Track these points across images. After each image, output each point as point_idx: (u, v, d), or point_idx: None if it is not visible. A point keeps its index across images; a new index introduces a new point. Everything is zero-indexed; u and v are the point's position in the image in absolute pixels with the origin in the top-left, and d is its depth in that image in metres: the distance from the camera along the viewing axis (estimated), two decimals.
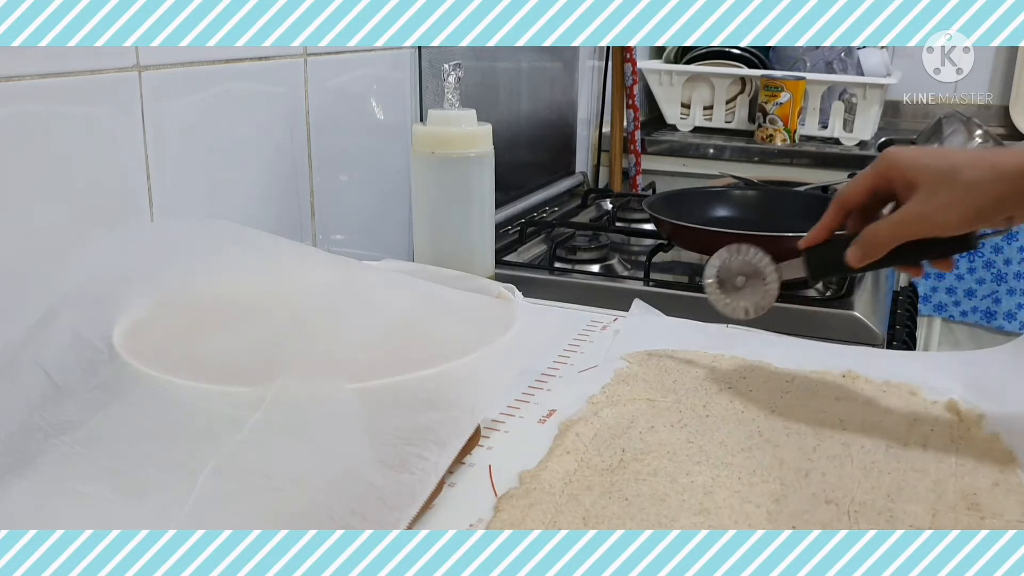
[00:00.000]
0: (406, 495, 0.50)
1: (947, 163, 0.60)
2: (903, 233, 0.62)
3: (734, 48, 1.87)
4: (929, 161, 0.60)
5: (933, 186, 0.60)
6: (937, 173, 0.60)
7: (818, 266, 0.69)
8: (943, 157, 0.60)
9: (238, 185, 0.85)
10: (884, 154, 0.64)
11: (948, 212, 0.59)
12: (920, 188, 0.60)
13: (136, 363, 0.54)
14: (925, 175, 0.60)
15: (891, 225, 0.62)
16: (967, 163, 0.59)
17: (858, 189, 0.65)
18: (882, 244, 0.63)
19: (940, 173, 0.59)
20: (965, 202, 0.59)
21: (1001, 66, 2.07)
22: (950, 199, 0.59)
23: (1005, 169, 0.58)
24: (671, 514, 0.54)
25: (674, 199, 1.22)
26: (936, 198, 0.60)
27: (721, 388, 0.72)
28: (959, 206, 0.59)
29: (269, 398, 0.51)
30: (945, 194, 0.59)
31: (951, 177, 0.59)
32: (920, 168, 0.61)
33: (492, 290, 0.74)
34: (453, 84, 0.85)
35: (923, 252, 0.64)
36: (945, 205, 0.59)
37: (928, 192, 0.60)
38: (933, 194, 0.60)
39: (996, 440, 0.63)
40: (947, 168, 0.59)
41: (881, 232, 0.63)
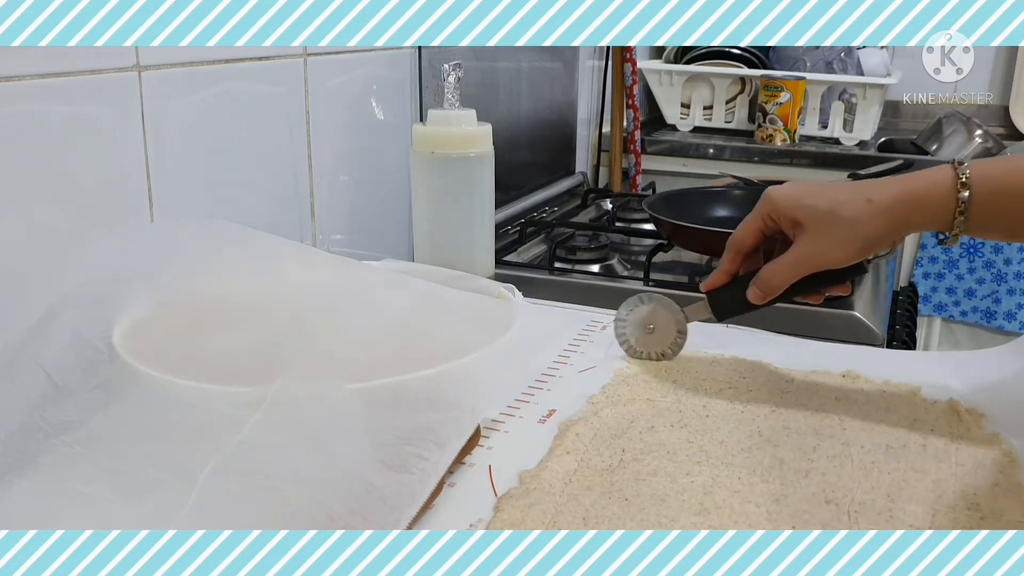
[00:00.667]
0: (406, 495, 0.50)
1: (826, 202, 0.62)
2: (797, 272, 0.65)
3: (734, 48, 1.87)
4: (810, 202, 0.63)
5: (818, 226, 0.63)
6: (819, 213, 0.62)
7: (723, 307, 0.73)
8: (821, 196, 0.63)
9: (238, 185, 0.85)
10: (765, 196, 0.66)
11: (836, 249, 0.63)
12: (806, 228, 0.63)
13: (136, 363, 0.54)
14: (808, 216, 0.63)
15: (784, 266, 0.66)
16: (845, 200, 0.62)
17: (748, 233, 0.68)
18: (779, 284, 0.67)
19: (822, 213, 0.62)
20: (850, 238, 0.62)
21: (1001, 66, 2.07)
22: (836, 237, 0.62)
23: (880, 204, 0.61)
24: (671, 514, 0.54)
25: (674, 199, 1.22)
26: (823, 237, 0.63)
27: (721, 388, 0.72)
28: (845, 242, 0.62)
29: (269, 398, 0.51)
30: (831, 233, 0.62)
31: (832, 216, 0.62)
32: (802, 209, 0.63)
33: (492, 290, 0.74)
34: (453, 84, 0.85)
35: (819, 282, 0.67)
36: (833, 243, 0.62)
37: (814, 232, 0.63)
38: (819, 233, 0.63)
39: (996, 440, 0.63)
40: (827, 208, 0.62)
41: (777, 272, 0.66)
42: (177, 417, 0.51)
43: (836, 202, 0.62)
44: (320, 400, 0.52)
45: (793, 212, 0.64)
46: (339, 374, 0.53)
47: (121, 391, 0.54)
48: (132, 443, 0.51)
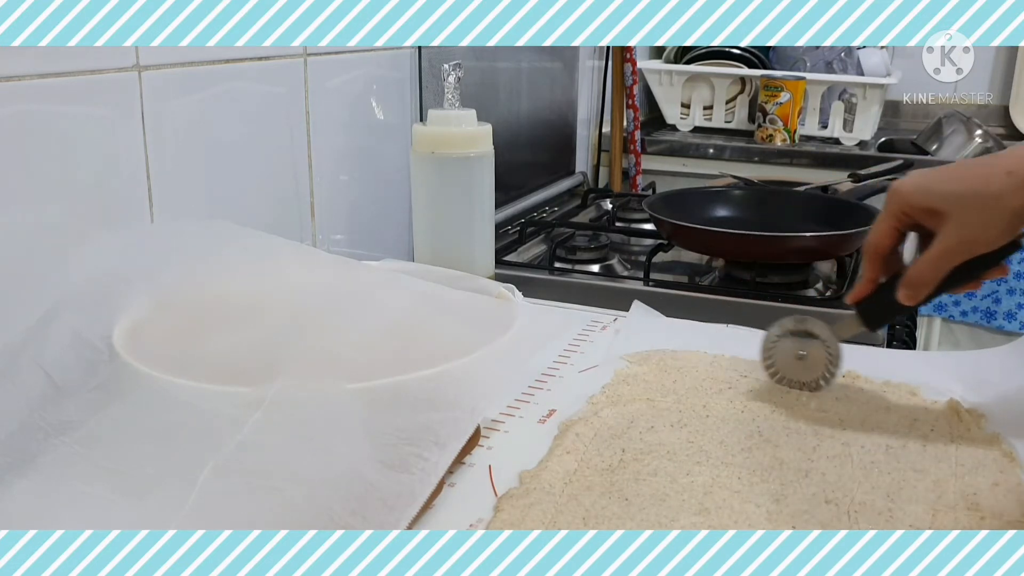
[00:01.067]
0: (406, 495, 0.50)
1: (964, 184, 0.59)
2: (948, 264, 0.61)
3: (734, 48, 1.87)
4: (946, 187, 0.60)
5: (961, 210, 0.59)
6: (960, 196, 0.59)
7: (873, 316, 0.69)
8: (955, 178, 0.60)
9: (238, 185, 0.85)
10: (893, 192, 0.63)
11: (987, 231, 0.59)
12: (948, 215, 0.59)
13: (136, 363, 0.54)
14: (948, 202, 0.59)
15: (933, 260, 0.62)
16: (984, 177, 0.58)
17: (883, 235, 0.64)
18: (931, 280, 0.63)
19: (963, 196, 0.59)
20: (999, 216, 0.58)
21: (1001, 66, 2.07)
22: (983, 218, 0.58)
23: (1022, 174, 0.57)
24: (671, 514, 0.54)
25: (674, 199, 1.22)
26: (969, 221, 0.59)
27: (721, 388, 0.72)
28: (995, 222, 0.58)
29: (269, 398, 0.51)
30: (976, 215, 0.59)
31: (975, 197, 0.58)
32: (939, 196, 0.60)
33: (492, 290, 0.74)
34: (453, 84, 0.85)
35: (973, 269, 0.63)
36: (981, 225, 0.59)
37: (959, 217, 0.59)
38: (964, 218, 0.59)
39: (996, 440, 0.63)
40: (967, 190, 0.59)
41: (926, 268, 0.62)
42: (177, 417, 0.51)
43: (974, 181, 0.58)
44: (320, 400, 0.52)
45: (929, 202, 0.60)
46: (339, 374, 0.53)
47: (121, 391, 0.54)
48: (132, 443, 0.51)
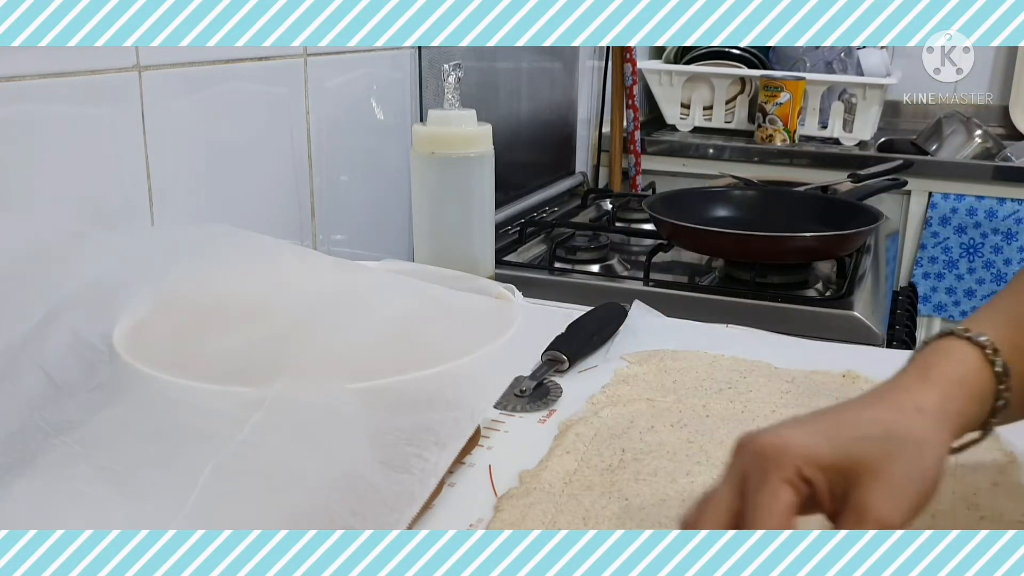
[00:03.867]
0: (406, 495, 0.50)
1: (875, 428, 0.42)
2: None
3: (734, 48, 1.87)
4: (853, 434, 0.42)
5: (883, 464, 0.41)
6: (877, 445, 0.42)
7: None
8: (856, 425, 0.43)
9: (238, 185, 0.85)
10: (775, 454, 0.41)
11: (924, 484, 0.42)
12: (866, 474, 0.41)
13: (136, 363, 0.54)
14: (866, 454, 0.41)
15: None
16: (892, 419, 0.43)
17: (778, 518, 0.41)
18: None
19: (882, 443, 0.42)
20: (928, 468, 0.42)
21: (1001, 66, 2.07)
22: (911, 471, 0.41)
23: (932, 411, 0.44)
24: (671, 514, 0.54)
25: (674, 199, 1.22)
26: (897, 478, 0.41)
27: (721, 388, 0.72)
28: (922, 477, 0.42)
29: (269, 398, 0.51)
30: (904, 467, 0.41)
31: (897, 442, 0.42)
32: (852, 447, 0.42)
33: (492, 290, 0.74)
34: (453, 84, 0.85)
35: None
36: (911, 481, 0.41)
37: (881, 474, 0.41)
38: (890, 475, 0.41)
39: (996, 440, 0.63)
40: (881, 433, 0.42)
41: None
42: (177, 417, 0.51)
43: (886, 424, 0.43)
44: (320, 400, 0.52)
45: (842, 456, 0.41)
46: (339, 374, 0.53)
47: (121, 391, 0.54)
48: (132, 443, 0.51)
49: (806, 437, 0.42)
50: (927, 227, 1.71)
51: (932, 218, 1.70)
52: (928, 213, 1.70)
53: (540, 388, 0.71)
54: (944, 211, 1.69)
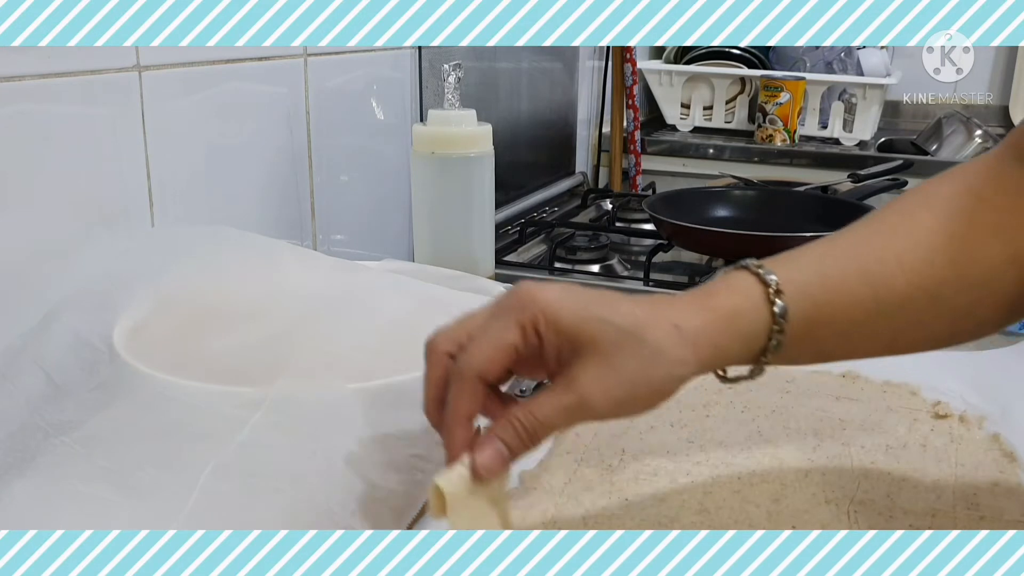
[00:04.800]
0: (406, 495, 0.50)
1: (625, 318, 0.42)
2: (574, 418, 0.44)
3: (734, 48, 1.87)
4: (602, 313, 0.42)
5: (612, 350, 0.42)
6: (616, 331, 0.42)
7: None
8: (615, 309, 0.43)
9: (238, 185, 0.85)
10: (527, 297, 0.43)
11: (633, 388, 0.43)
12: (593, 353, 0.42)
13: (136, 363, 0.54)
14: (601, 334, 0.42)
15: (560, 408, 0.43)
16: (647, 319, 0.43)
17: (497, 352, 0.43)
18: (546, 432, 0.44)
19: (621, 332, 0.42)
20: (653, 374, 0.43)
21: (1001, 66, 2.07)
22: (635, 369, 0.42)
23: (688, 331, 0.43)
24: (671, 514, 0.54)
25: (674, 199, 1.22)
26: (618, 368, 0.42)
27: (721, 388, 0.72)
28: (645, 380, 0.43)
29: (269, 398, 0.51)
30: (629, 362, 0.42)
31: (634, 339, 0.42)
32: (592, 323, 0.42)
33: (492, 290, 0.74)
34: (453, 84, 0.85)
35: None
36: (630, 378, 0.42)
37: (605, 359, 0.42)
38: (613, 362, 0.42)
39: (996, 440, 0.63)
40: (627, 325, 0.42)
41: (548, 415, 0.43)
42: (177, 417, 0.51)
43: (637, 320, 0.42)
44: (321, 400, 0.52)
45: (579, 325, 0.42)
46: (339, 374, 0.53)
47: (121, 391, 0.54)
48: (132, 443, 0.51)
49: (559, 299, 0.43)
50: None
51: None
52: None
53: (540, 388, 0.71)
54: None
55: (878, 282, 0.47)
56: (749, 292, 0.45)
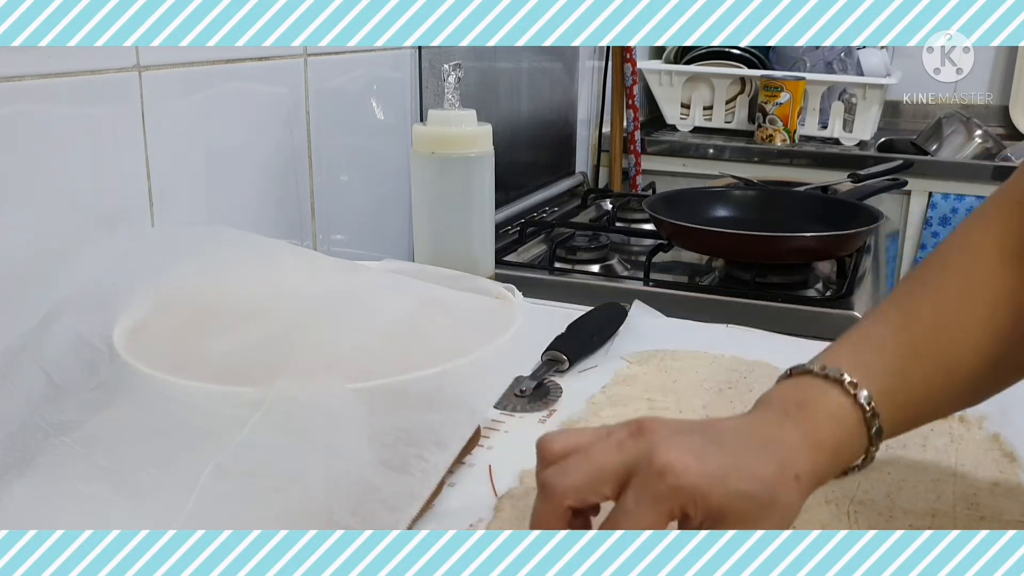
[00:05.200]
0: (406, 496, 0.50)
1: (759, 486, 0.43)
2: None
3: (734, 48, 1.88)
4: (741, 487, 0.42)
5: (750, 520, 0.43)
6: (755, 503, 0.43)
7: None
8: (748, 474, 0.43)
9: (238, 185, 0.85)
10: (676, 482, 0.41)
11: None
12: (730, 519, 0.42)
13: (136, 363, 0.54)
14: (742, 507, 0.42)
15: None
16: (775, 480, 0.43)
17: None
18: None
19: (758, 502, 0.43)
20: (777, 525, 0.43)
21: (1001, 66, 2.07)
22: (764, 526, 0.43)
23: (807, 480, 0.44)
24: None
25: (674, 199, 1.22)
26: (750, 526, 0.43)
27: (721, 388, 0.72)
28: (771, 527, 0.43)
29: (269, 398, 0.51)
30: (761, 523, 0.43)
31: (771, 506, 0.43)
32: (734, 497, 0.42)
33: (492, 290, 0.74)
34: (453, 84, 0.85)
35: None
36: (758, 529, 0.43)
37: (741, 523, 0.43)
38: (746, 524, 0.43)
39: (996, 440, 0.63)
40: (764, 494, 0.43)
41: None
42: (177, 417, 0.51)
43: (772, 487, 0.43)
44: (320, 400, 0.52)
45: (727, 503, 0.42)
46: (339, 374, 0.53)
47: (121, 391, 0.54)
48: (132, 443, 0.51)
49: (705, 476, 0.42)
50: (927, 227, 1.71)
51: (932, 218, 1.70)
52: (928, 213, 1.70)
53: (540, 388, 0.71)
54: (944, 211, 1.69)
55: (953, 368, 0.48)
56: (848, 421, 0.46)
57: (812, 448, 0.45)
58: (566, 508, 0.43)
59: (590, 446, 0.44)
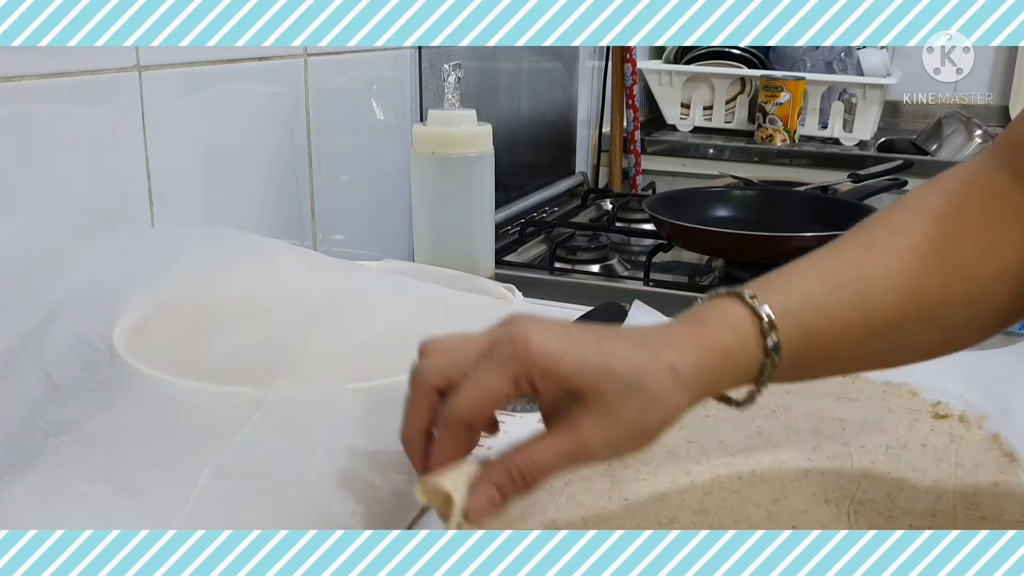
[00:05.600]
0: (406, 495, 0.50)
1: (624, 367, 0.42)
2: (572, 463, 0.43)
3: (734, 48, 1.87)
4: (601, 363, 0.42)
5: (611, 402, 0.42)
6: (616, 382, 0.42)
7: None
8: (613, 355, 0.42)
9: (238, 185, 0.85)
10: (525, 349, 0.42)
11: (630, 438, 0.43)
12: (594, 403, 0.42)
13: (136, 363, 0.54)
14: (600, 385, 0.42)
15: (559, 454, 0.43)
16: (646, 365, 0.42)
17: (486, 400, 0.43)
18: (545, 474, 0.43)
19: (621, 382, 0.42)
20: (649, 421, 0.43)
21: (1001, 66, 2.07)
22: (634, 418, 0.42)
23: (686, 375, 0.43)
24: (671, 514, 0.54)
25: (674, 199, 1.22)
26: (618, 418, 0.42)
27: None
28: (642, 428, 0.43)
29: (269, 398, 0.51)
30: (628, 411, 0.42)
31: (635, 389, 0.42)
32: (592, 374, 0.42)
33: (492, 290, 0.74)
34: (453, 84, 0.85)
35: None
36: (629, 428, 0.43)
37: (605, 409, 0.42)
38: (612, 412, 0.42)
39: (996, 440, 0.63)
40: (628, 375, 0.42)
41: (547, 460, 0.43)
42: (177, 417, 0.51)
43: (636, 368, 0.42)
44: (320, 400, 0.52)
45: (580, 376, 0.42)
46: (339, 374, 0.53)
47: (121, 391, 0.54)
48: (132, 443, 0.51)
49: (557, 349, 0.42)
50: None
51: None
52: None
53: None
54: None
55: (869, 307, 0.47)
56: (742, 328, 0.45)
57: (696, 345, 0.44)
58: (430, 388, 0.44)
59: (463, 339, 0.45)
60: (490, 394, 0.42)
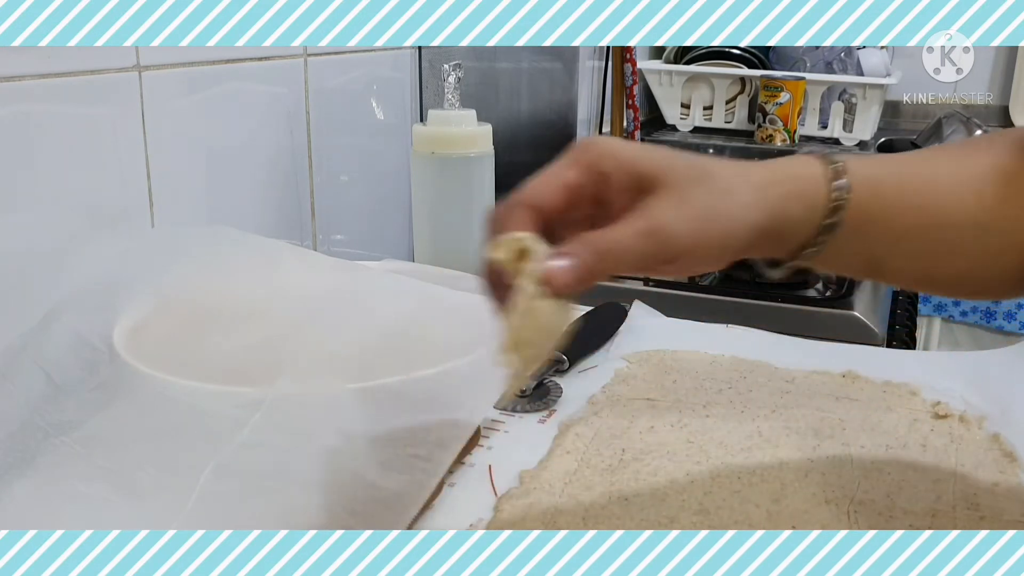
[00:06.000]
0: (406, 495, 0.50)
1: (689, 160, 0.43)
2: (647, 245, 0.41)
3: (734, 48, 1.87)
4: (664, 156, 0.42)
5: (683, 187, 0.41)
6: (684, 170, 0.42)
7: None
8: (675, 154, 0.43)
9: (238, 185, 0.85)
10: (589, 143, 0.44)
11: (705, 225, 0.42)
12: (664, 188, 0.41)
13: (136, 363, 0.54)
14: (667, 172, 0.42)
15: (633, 234, 0.41)
16: (712, 163, 0.44)
17: (553, 186, 0.43)
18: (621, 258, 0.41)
19: (689, 170, 0.42)
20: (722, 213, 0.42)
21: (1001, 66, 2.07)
22: (706, 207, 0.42)
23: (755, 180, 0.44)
24: (671, 514, 0.54)
25: None
26: (689, 204, 0.41)
27: (721, 388, 0.72)
28: (716, 218, 0.42)
29: (269, 399, 0.51)
30: (699, 199, 0.42)
31: (705, 177, 0.42)
32: (656, 162, 0.42)
33: None
34: (453, 84, 0.85)
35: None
36: (701, 215, 0.42)
37: (678, 194, 0.41)
38: (684, 198, 0.41)
39: (996, 440, 0.63)
40: (694, 166, 0.42)
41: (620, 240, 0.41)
42: (177, 417, 0.51)
43: (704, 164, 0.43)
44: (320, 400, 0.52)
45: (641, 164, 0.42)
46: (339, 374, 0.53)
47: (121, 391, 0.54)
48: (132, 443, 0.51)
49: (625, 144, 0.43)
50: None
51: None
52: None
53: (540, 388, 0.71)
54: None
55: (933, 195, 0.48)
56: (813, 169, 0.45)
57: (764, 168, 0.45)
58: (524, 206, 0.43)
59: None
60: (556, 176, 0.43)
